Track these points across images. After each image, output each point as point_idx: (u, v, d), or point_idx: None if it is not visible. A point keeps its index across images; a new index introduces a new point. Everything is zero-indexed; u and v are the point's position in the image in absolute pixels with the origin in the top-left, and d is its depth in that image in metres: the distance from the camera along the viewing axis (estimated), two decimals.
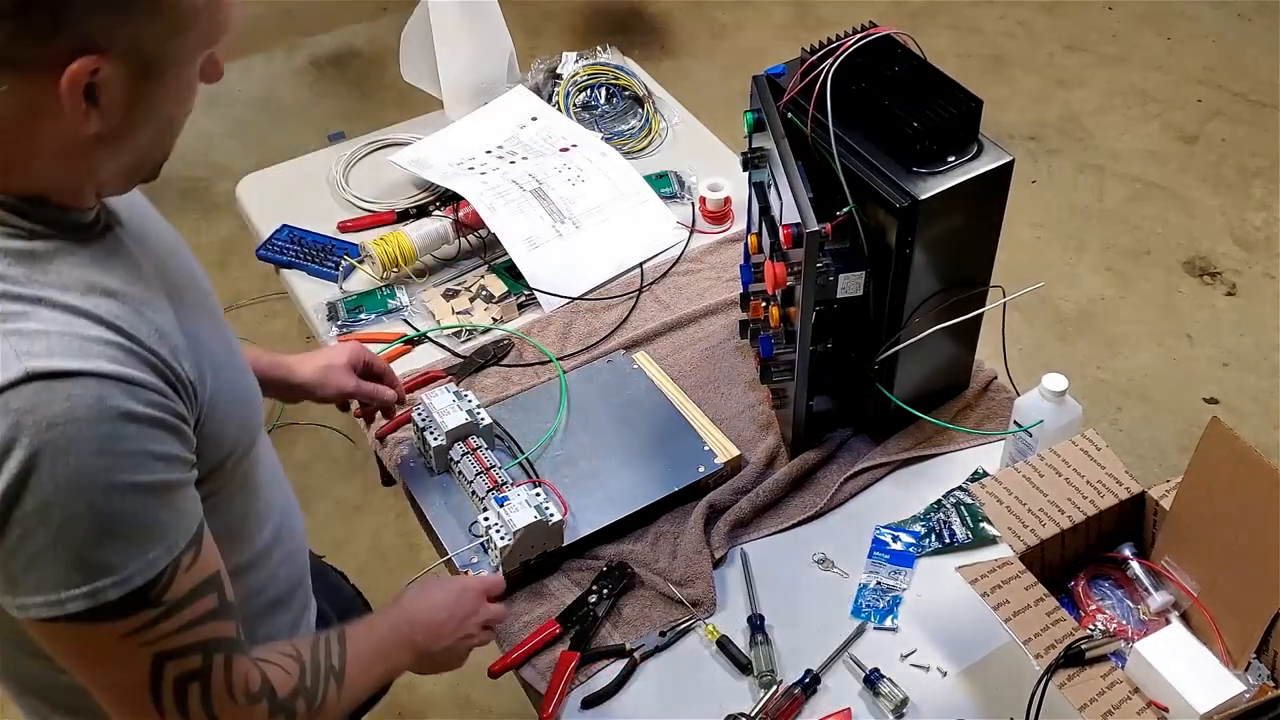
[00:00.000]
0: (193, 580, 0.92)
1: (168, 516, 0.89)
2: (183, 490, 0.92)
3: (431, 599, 1.30)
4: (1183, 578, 1.35)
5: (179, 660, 0.93)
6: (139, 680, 0.92)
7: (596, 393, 1.70)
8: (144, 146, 0.94)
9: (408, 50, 2.21)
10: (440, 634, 1.29)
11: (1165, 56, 3.92)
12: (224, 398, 1.00)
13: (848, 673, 1.40)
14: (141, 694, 0.92)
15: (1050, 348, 3.00)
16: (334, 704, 1.11)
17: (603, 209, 1.96)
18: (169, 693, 0.93)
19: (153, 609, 0.89)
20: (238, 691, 0.98)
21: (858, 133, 1.47)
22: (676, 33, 4.10)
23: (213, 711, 0.96)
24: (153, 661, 0.91)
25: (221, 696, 0.96)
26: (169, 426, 0.89)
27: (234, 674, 0.97)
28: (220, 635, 0.96)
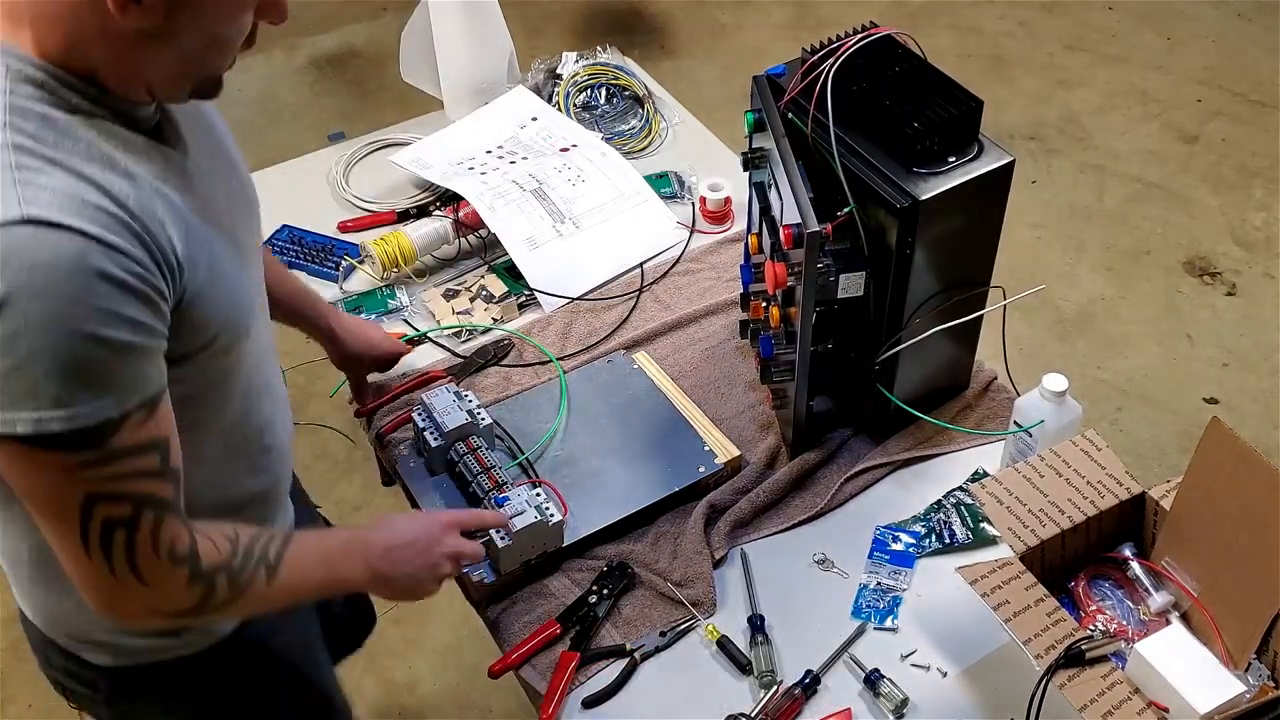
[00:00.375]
0: (138, 438, 0.99)
1: (125, 374, 0.97)
2: (145, 355, 0.99)
3: (395, 525, 1.33)
4: (1183, 578, 1.35)
5: (109, 504, 1.00)
6: (70, 513, 1.00)
7: (597, 393, 1.70)
8: (190, 55, 1.00)
9: (408, 50, 2.21)
10: (399, 558, 1.30)
11: (1165, 56, 3.92)
12: (213, 292, 1.06)
13: (848, 673, 1.40)
14: (71, 526, 1.00)
15: (1050, 348, 3.00)
16: (260, 592, 1.15)
17: (603, 209, 1.96)
18: (95, 532, 1.01)
19: (92, 451, 0.97)
20: (162, 550, 1.05)
21: (858, 133, 1.47)
22: (676, 33, 4.10)
23: (135, 561, 1.04)
24: (84, 499, 0.99)
25: (145, 550, 1.04)
26: (142, 295, 0.96)
27: (162, 532, 1.04)
28: (155, 494, 1.03)
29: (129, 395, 0.98)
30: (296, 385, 2.98)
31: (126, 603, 1.08)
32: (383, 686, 2.42)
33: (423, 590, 1.34)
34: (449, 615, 2.49)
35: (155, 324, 0.99)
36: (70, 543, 1.02)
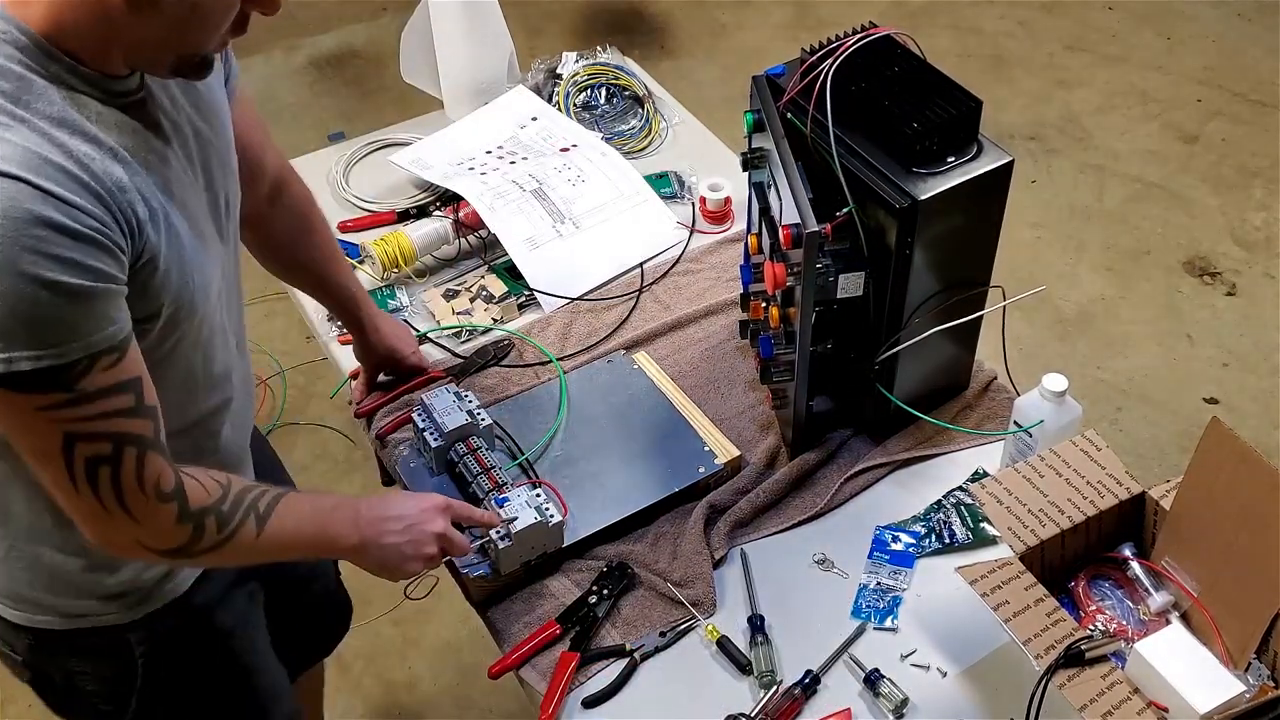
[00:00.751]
0: (110, 379, 1.03)
1: (88, 317, 0.99)
2: (107, 299, 1.01)
3: (390, 499, 1.37)
4: (1183, 578, 1.35)
5: (88, 443, 1.04)
6: (53, 451, 1.04)
7: (596, 393, 1.70)
8: (172, 27, 1.00)
9: (408, 50, 2.21)
10: (387, 528, 1.32)
11: (1165, 56, 3.92)
12: (168, 263, 1.08)
13: (848, 673, 1.40)
14: (57, 465, 1.05)
15: (1050, 348, 3.00)
16: (249, 541, 1.18)
17: (603, 209, 1.96)
18: (80, 469, 1.05)
19: (64, 392, 1.00)
20: (148, 485, 1.09)
21: (857, 133, 1.47)
22: (676, 33, 4.11)
23: (121, 497, 1.08)
24: (64, 439, 1.03)
25: (131, 485, 1.07)
26: (97, 243, 0.98)
27: (146, 469, 1.08)
28: (133, 431, 1.06)
29: (95, 338, 1.00)
30: (296, 385, 2.99)
31: (117, 535, 1.12)
32: (383, 686, 2.42)
33: (405, 567, 1.35)
34: (449, 615, 2.49)
35: (114, 271, 1.01)
36: (58, 477, 1.06)
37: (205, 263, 1.16)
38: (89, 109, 1.02)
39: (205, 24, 1.03)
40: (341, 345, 1.79)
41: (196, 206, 1.15)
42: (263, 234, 1.53)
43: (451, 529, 1.38)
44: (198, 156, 1.16)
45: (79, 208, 0.97)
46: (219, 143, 1.21)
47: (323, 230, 1.58)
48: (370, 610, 2.47)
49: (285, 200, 1.51)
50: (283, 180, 1.50)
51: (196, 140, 1.16)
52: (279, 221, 1.52)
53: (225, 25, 1.04)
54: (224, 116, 1.22)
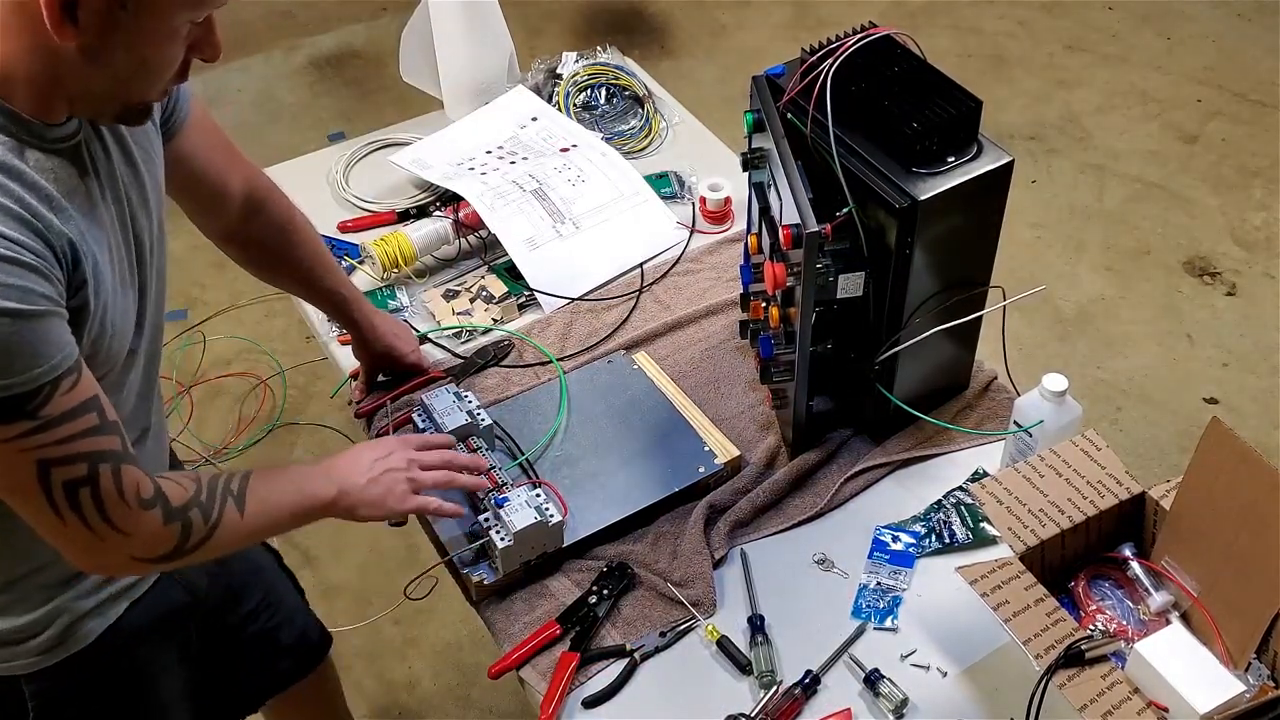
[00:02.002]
0: (71, 402, 1.03)
1: (37, 342, 1.00)
2: (57, 323, 1.02)
3: (347, 453, 1.39)
4: (1183, 578, 1.35)
5: (63, 468, 1.05)
6: (29, 483, 1.04)
7: (597, 393, 1.70)
8: (118, 78, 1.03)
9: (408, 50, 2.21)
10: (358, 472, 1.34)
11: (1165, 56, 3.92)
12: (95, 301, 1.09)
13: (848, 673, 1.40)
14: (36, 496, 1.05)
15: (1050, 348, 3.00)
16: (235, 523, 1.19)
17: (603, 209, 1.96)
18: (60, 495, 1.05)
19: (30, 421, 1.01)
20: (129, 496, 1.09)
21: (857, 133, 1.47)
22: (676, 33, 4.11)
23: (106, 513, 1.08)
24: (38, 467, 1.03)
25: (113, 500, 1.08)
26: (33, 268, 0.99)
27: (124, 481, 1.09)
28: (104, 448, 1.07)
29: (55, 361, 1.01)
30: (296, 385, 2.99)
31: (110, 556, 1.12)
32: (383, 686, 2.42)
33: (390, 504, 1.36)
34: (449, 615, 2.49)
35: (56, 297, 1.02)
36: (41, 510, 1.06)
37: (126, 309, 1.17)
38: (28, 157, 1.03)
39: (151, 75, 1.06)
40: (341, 345, 1.79)
41: (118, 251, 1.15)
42: (242, 251, 1.54)
43: (418, 456, 1.40)
44: (124, 199, 1.16)
45: (19, 242, 0.99)
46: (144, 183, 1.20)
47: (307, 239, 1.57)
48: (370, 610, 2.47)
49: (264, 217, 1.51)
50: (258, 198, 1.50)
51: (122, 183, 1.16)
52: (258, 237, 1.52)
53: (168, 75, 1.07)
54: (152, 155, 1.23)
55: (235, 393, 2.97)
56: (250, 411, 2.92)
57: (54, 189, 1.04)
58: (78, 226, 1.06)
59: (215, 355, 3.06)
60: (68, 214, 1.05)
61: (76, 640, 1.30)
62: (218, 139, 1.42)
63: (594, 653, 1.42)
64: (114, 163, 1.15)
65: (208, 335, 3.08)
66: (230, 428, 2.88)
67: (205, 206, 1.45)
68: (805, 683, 1.37)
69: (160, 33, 1.01)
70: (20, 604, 1.25)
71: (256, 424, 2.89)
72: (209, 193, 1.42)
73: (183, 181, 1.35)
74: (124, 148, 1.17)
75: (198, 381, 2.97)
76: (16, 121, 1.03)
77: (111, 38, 0.99)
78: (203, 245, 1.53)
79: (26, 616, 1.25)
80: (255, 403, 2.95)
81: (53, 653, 1.29)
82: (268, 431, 2.87)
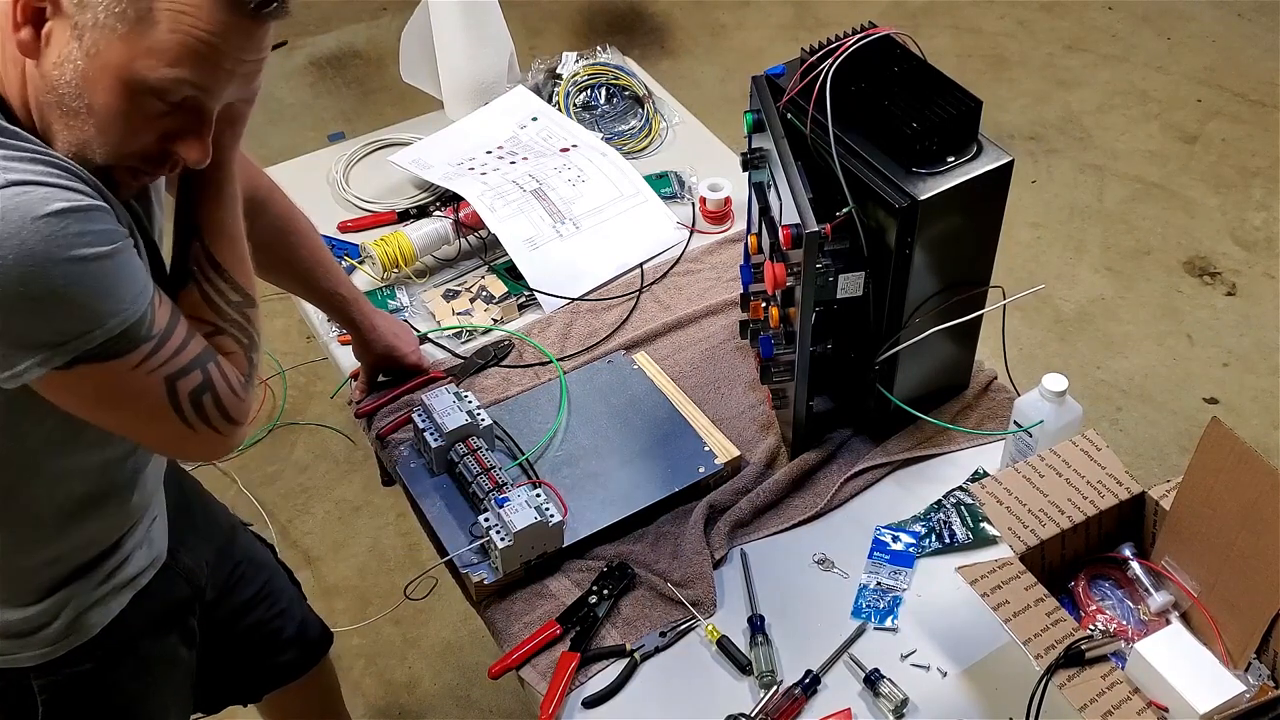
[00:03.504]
0: (165, 315, 1.09)
1: (132, 271, 1.04)
2: (132, 252, 1.05)
3: None
4: (1183, 578, 1.35)
5: (184, 379, 1.10)
6: (160, 403, 1.09)
7: (597, 393, 1.70)
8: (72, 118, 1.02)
9: (408, 50, 2.21)
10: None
11: (1165, 56, 3.92)
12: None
13: (848, 673, 1.40)
14: (168, 415, 1.10)
15: (1050, 348, 3.00)
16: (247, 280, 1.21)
17: (603, 209, 1.96)
18: (188, 408, 1.11)
19: (148, 341, 1.06)
20: (235, 385, 1.15)
21: (857, 133, 1.47)
22: (676, 33, 4.11)
23: (226, 412, 1.14)
24: (166, 384, 1.08)
25: (228, 396, 1.14)
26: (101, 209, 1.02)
27: (226, 374, 1.14)
28: (201, 349, 1.12)
29: (143, 284, 1.05)
30: (296, 385, 2.99)
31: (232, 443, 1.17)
32: (383, 686, 2.42)
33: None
34: (449, 615, 2.49)
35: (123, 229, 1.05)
36: (173, 428, 1.11)
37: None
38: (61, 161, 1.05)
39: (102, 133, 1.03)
40: (342, 345, 1.79)
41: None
42: None
43: None
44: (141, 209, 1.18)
45: (83, 192, 1.01)
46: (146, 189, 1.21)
47: (307, 240, 1.57)
48: (370, 610, 2.48)
49: (265, 217, 1.50)
50: (259, 201, 1.49)
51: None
52: (258, 237, 1.49)
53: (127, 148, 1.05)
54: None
55: None
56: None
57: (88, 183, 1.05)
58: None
59: None
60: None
61: (83, 632, 1.31)
62: None
63: (594, 653, 1.42)
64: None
65: None
66: None
67: None
68: (805, 683, 1.37)
69: (113, 86, 1.00)
70: (29, 595, 1.25)
71: (256, 424, 2.88)
72: None
73: None
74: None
75: None
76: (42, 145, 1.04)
77: (64, 67, 1.00)
78: None
79: (35, 607, 1.26)
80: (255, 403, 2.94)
81: (60, 644, 1.30)
82: (268, 431, 2.87)
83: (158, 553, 1.38)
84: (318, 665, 1.82)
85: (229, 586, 1.60)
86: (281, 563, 1.76)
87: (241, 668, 1.71)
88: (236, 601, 1.62)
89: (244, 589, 1.63)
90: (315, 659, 1.81)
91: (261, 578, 1.67)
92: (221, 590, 1.57)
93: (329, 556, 2.63)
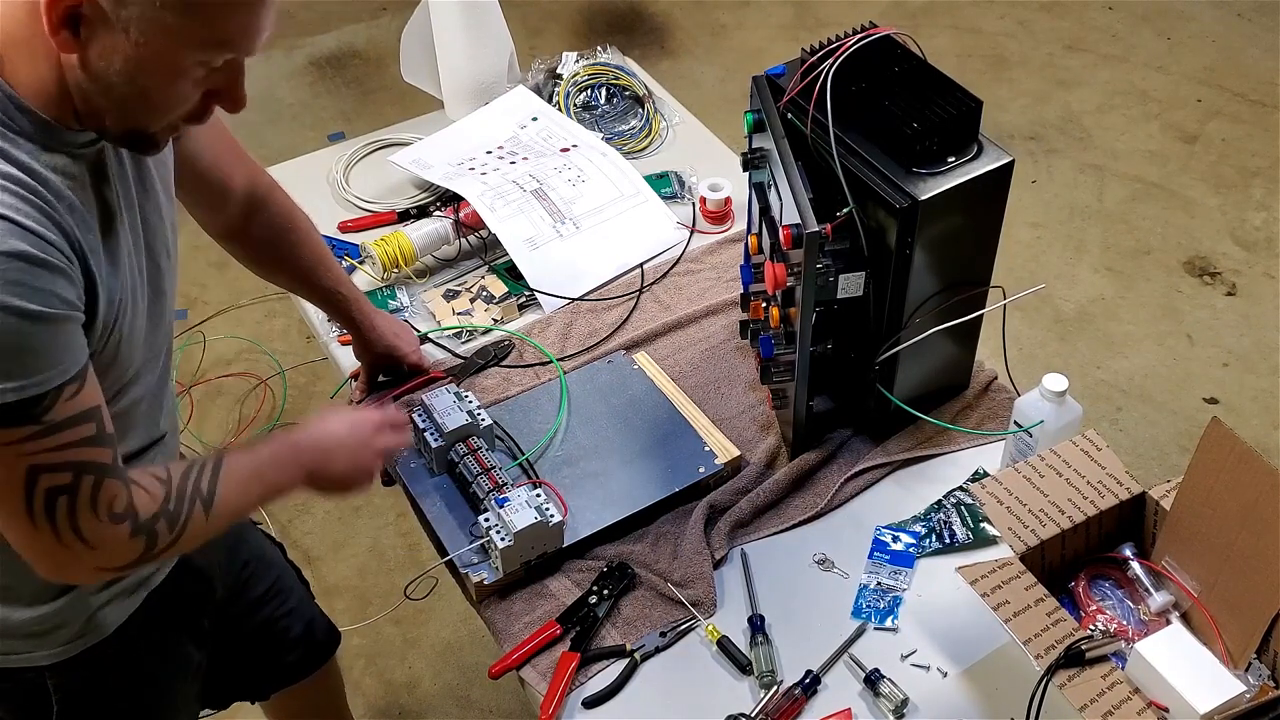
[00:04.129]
0: (74, 409, 1.04)
1: (53, 346, 1.01)
2: (68, 327, 1.03)
3: (325, 425, 1.35)
4: (1183, 578, 1.35)
5: (51, 474, 1.05)
6: (14, 487, 1.04)
7: (597, 393, 1.70)
8: (118, 103, 1.03)
9: (408, 50, 2.21)
10: (330, 458, 1.32)
11: (1165, 56, 3.92)
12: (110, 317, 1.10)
13: (848, 673, 1.40)
14: (16, 499, 1.04)
15: (1050, 348, 3.01)
16: (200, 527, 1.18)
17: (603, 209, 1.96)
18: (39, 501, 1.05)
19: (34, 425, 1.01)
20: (102, 510, 1.09)
21: (858, 133, 1.47)
22: (676, 33, 4.11)
23: (76, 524, 1.07)
24: (28, 471, 1.03)
25: (85, 512, 1.08)
26: (60, 270, 1.01)
27: (101, 494, 1.08)
28: (94, 459, 1.07)
29: (65, 367, 1.02)
30: (296, 385, 2.99)
31: (74, 565, 1.12)
32: (383, 686, 2.42)
33: (354, 488, 1.36)
34: (449, 615, 2.49)
35: (75, 299, 1.03)
36: (15, 515, 1.06)
37: (139, 314, 1.17)
38: (51, 161, 1.04)
39: (153, 108, 1.05)
40: (342, 345, 1.79)
41: (134, 258, 1.15)
42: (244, 249, 1.54)
43: (390, 436, 1.40)
44: (136, 205, 1.17)
45: (52, 243, 1.00)
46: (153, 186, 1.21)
47: (308, 239, 1.57)
48: (370, 610, 2.48)
49: (265, 215, 1.51)
50: (260, 197, 1.50)
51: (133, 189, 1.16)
52: (259, 235, 1.52)
53: (175, 113, 1.06)
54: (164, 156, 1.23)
55: (235, 393, 2.97)
56: (250, 411, 2.92)
57: (75, 197, 1.05)
58: (95, 235, 1.07)
59: (215, 355, 3.06)
60: (87, 224, 1.06)
61: (98, 631, 1.31)
62: (223, 136, 1.42)
63: (594, 653, 1.42)
64: (126, 169, 1.15)
65: (208, 335, 3.08)
66: (230, 428, 2.88)
67: (207, 203, 1.45)
68: (805, 683, 1.37)
69: (163, 68, 1.01)
70: (45, 595, 1.26)
71: (256, 424, 2.88)
72: (212, 189, 1.42)
73: (186, 178, 1.35)
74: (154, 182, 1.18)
75: (198, 381, 2.97)
76: (40, 125, 1.03)
77: (110, 60, 0.99)
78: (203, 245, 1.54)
79: (50, 606, 1.26)
80: (255, 403, 2.95)
81: (75, 643, 1.30)
82: (268, 431, 2.87)
83: None
84: (325, 664, 1.82)
85: (239, 585, 1.60)
86: (290, 562, 1.76)
87: (250, 666, 1.71)
88: (246, 600, 1.63)
89: (254, 587, 1.64)
90: (323, 658, 1.81)
91: (271, 576, 1.68)
92: (232, 589, 1.58)
93: (329, 556, 2.63)
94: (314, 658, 1.79)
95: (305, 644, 1.76)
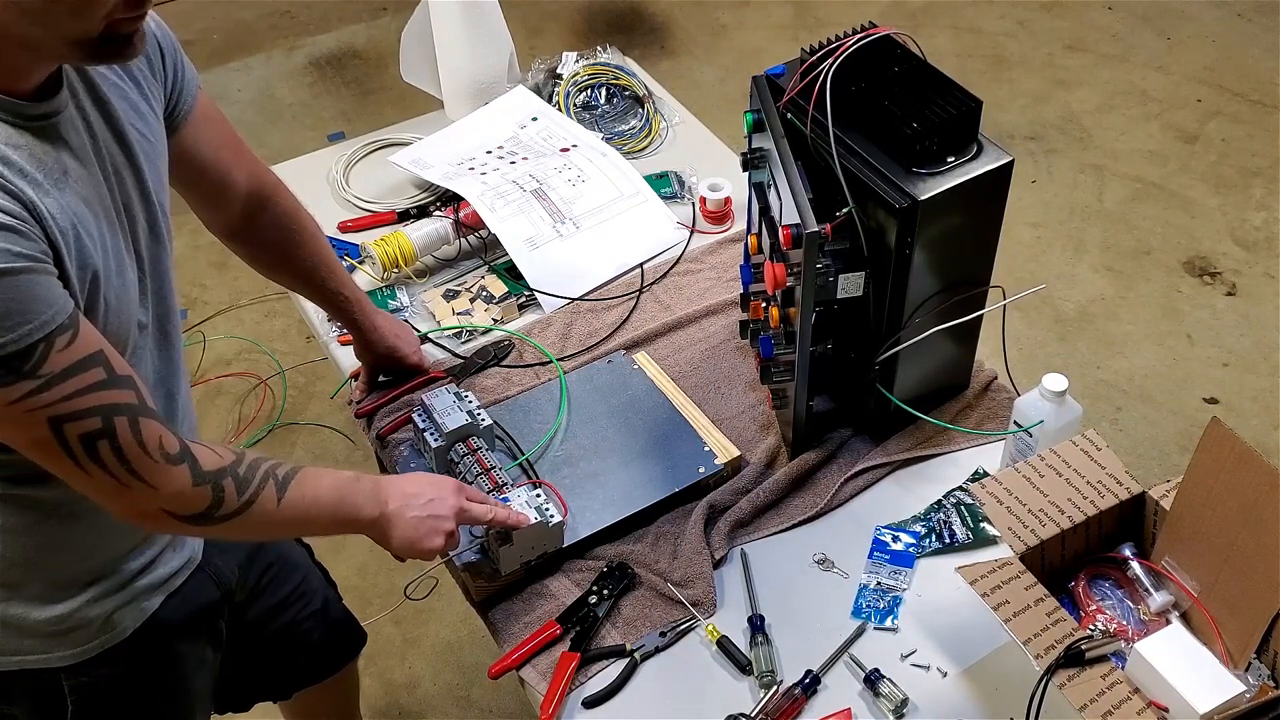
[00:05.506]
0: (71, 357, 1.02)
1: (27, 300, 0.98)
2: (43, 280, 1.00)
3: (406, 475, 1.38)
4: (1183, 578, 1.35)
5: (76, 422, 1.04)
6: (46, 440, 1.04)
7: (597, 393, 1.70)
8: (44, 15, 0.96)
9: (408, 50, 2.21)
10: (409, 503, 1.32)
11: (1165, 56, 3.92)
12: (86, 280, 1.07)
13: (848, 673, 1.40)
14: (55, 451, 1.05)
15: (1050, 348, 3.01)
16: (270, 511, 1.19)
17: (603, 209, 1.96)
18: (79, 449, 1.05)
19: (30, 380, 1.00)
20: (151, 448, 1.09)
21: (857, 133, 1.47)
22: (676, 33, 4.11)
23: (129, 464, 1.08)
24: (50, 424, 1.03)
25: (135, 452, 1.08)
26: (16, 230, 0.98)
27: (144, 433, 1.08)
28: (117, 401, 1.06)
29: (45, 318, 1.00)
30: (296, 385, 2.99)
31: (142, 505, 1.12)
32: (383, 686, 2.42)
33: (426, 543, 1.34)
34: (449, 615, 2.50)
35: (39, 254, 1.00)
36: (64, 465, 1.06)
37: (124, 280, 1.15)
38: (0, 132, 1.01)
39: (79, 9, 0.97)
40: (342, 345, 1.79)
41: (109, 224, 1.13)
42: (246, 247, 1.54)
43: (471, 505, 1.37)
44: (111, 176, 1.14)
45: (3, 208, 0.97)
46: (139, 165, 1.18)
47: (311, 238, 1.57)
48: (370, 610, 2.47)
49: (268, 214, 1.50)
50: (264, 196, 1.49)
51: (109, 161, 1.14)
52: (261, 235, 1.51)
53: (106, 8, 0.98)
54: (154, 142, 1.21)
55: (235, 392, 2.98)
56: (250, 411, 2.92)
57: (25, 163, 1.01)
58: (54, 201, 1.03)
59: (215, 355, 3.06)
60: (43, 188, 1.03)
61: (114, 633, 1.31)
62: (224, 133, 1.41)
63: (594, 653, 1.42)
64: (100, 141, 1.12)
65: (208, 335, 3.08)
66: (230, 428, 2.88)
67: (210, 201, 1.44)
68: (805, 683, 1.37)
69: None
70: (60, 596, 1.26)
71: (256, 424, 2.89)
72: (213, 187, 1.41)
73: (187, 175, 1.35)
74: (116, 129, 1.15)
75: (198, 381, 2.97)
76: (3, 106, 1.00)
77: None
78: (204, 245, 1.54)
79: (66, 607, 1.26)
80: (255, 403, 2.95)
81: (91, 645, 1.30)
82: (268, 431, 2.87)
83: (191, 554, 1.39)
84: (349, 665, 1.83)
85: (260, 588, 1.60)
86: (318, 562, 1.76)
87: (273, 667, 1.72)
88: (269, 603, 1.63)
89: (277, 590, 1.64)
90: (348, 658, 1.82)
91: (295, 578, 1.68)
92: (252, 592, 1.58)
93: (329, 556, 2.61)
94: (339, 657, 1.81)
95: (329, 645, 1.77)
